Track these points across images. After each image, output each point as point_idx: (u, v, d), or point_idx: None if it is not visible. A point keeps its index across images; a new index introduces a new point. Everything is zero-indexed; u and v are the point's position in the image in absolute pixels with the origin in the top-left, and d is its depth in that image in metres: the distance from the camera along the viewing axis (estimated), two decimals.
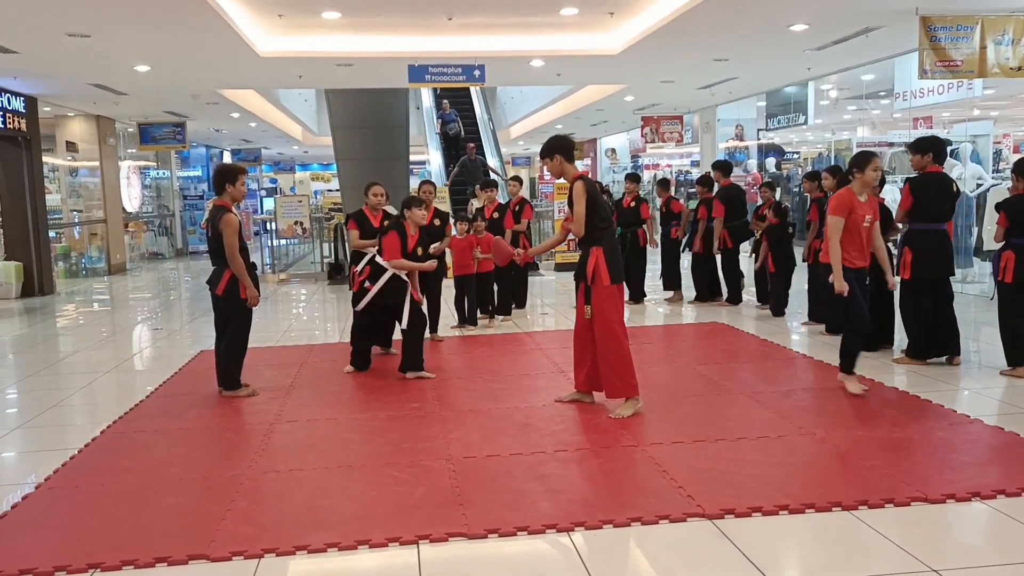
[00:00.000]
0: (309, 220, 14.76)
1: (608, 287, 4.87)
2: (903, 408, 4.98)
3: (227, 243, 5.37)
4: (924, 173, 5.96)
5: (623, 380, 4.89)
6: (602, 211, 4.93)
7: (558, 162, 5.03)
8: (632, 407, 4.89)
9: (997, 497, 3.55)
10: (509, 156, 32.78)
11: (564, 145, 5.07)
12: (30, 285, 12.13)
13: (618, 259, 4.97)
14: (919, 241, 5.91)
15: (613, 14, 9.08)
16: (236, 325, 5.59)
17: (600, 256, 4.87)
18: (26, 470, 4.42)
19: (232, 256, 5.39)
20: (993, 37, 8.06)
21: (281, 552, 3.21)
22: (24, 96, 11.97)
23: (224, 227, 5.37)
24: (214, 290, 5.53)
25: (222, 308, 5.59)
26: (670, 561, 3.10)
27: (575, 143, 5.15)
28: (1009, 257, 5.58)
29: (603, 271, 4.85)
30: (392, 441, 4.59)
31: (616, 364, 4.88)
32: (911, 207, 5.90)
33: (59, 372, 6.86)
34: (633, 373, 4.92)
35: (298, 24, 9.14)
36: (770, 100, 15.02)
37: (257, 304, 5.60)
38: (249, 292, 5.49)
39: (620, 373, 4.89)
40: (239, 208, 5.86)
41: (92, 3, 7.28)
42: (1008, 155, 18.41)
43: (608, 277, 4.86)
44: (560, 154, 5.01)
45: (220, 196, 5.53)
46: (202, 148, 25.11)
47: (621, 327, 4.92)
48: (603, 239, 4.90)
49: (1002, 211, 5.65)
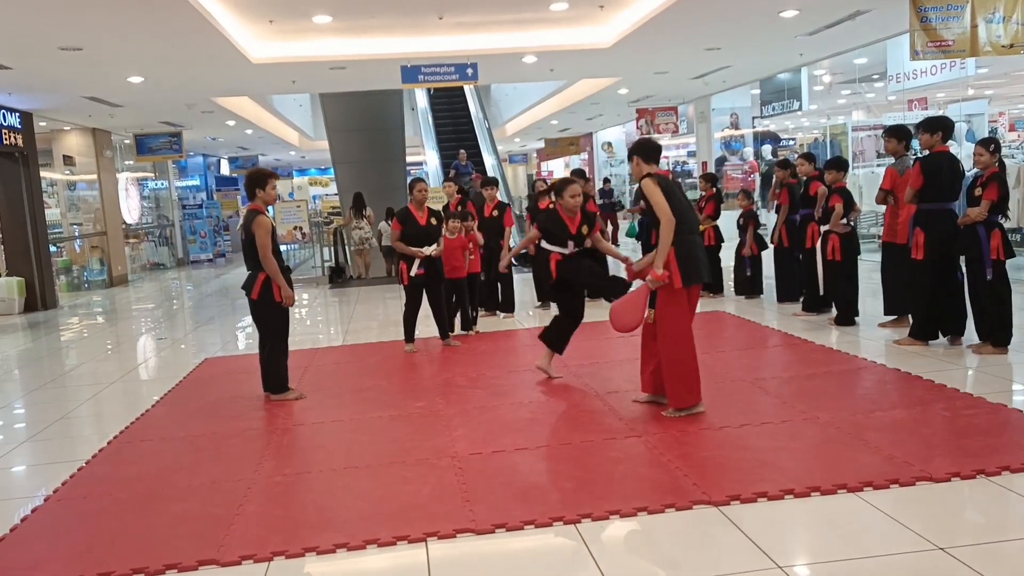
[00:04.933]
0: (308, 225, 14.79)
1: (678, 290, 4.52)
2: (905, 389, 4.98)
3: (259, 244, 5.40)
4: (934, 152, 5.89)
5: (688, 389, 4.62)
6: (677, 206, 4.53)
7: (636, 163, 4.78)
8: (689, 411, 4.65)
9: (1002, 473, 3.55)
10: (506, 153, 32.81)
11: (642, 147, 4.79)
12: (33, 300, 12.17)
13: (694, 260, 4.56)
14: (932, 222, 5.83)
15: (603, 7, 9.08)
16: (275, 328, 5.62)
17: (672, 256, 4.49)
18: (35, 483, 4.44)
19: (265, 257, 5.41)
20: (984, 15, 8.04)
21: (290, 554, 3.23)
22: (19, 112, 12.00)
23: (256, 228, 5.41)
24: (249, 294, 5.55)
25: (259, 312, 5.60)
26: (677, 549, 3.12)
27: (657, 146, 4.88)
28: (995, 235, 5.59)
29: (675, 272, 4.49)
30: (397, 440, 4.61)
31: (682, 374, 4.60)
32: (922, 186, 5.82)
33: (65, 385, 6.89)
34: (698, 381, 4.64)
35: (289, 29, 9.15)
36: (764, 87, 15.01)
37: (293, 304, 5.62)
38: (284, 292, 5.50)
39: (686, 384, 4.61)
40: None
41: (83, 16, 7.29)
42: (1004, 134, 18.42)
43: (680, 279, 4.49)
44: (638, 155, 4.76)
45: (252, 201, 5.60)
46: (199, 157, 25.18)
47: (685, 333, 4.60)
48: (677, 238, 4.49)
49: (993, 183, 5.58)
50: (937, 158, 5.87)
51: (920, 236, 5.87)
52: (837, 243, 6.94)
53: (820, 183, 7.29)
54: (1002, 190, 5.55)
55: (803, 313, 7.66)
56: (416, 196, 7.00)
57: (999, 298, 5.67)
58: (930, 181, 5.79)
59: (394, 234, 7.01)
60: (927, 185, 5.81)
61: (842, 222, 6.93)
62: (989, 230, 5.60)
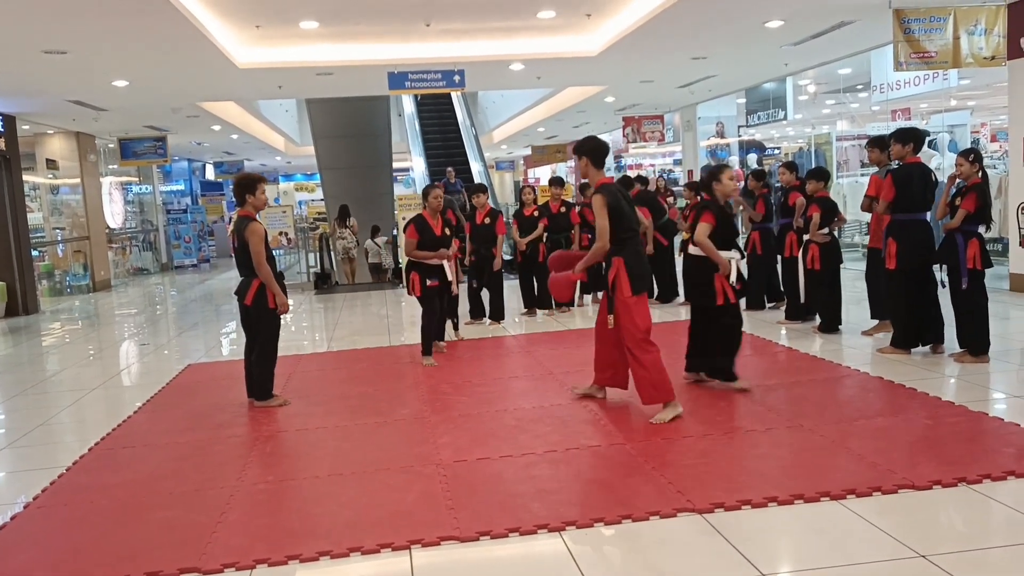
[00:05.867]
0: (294, 230, 14.73)
1: (628, 298, 4.74)
2: (888, 397, 5.02)
3: (254, 251, 5.36)
4: (905, 164, 5.98)
5: (656, 387, 4.76)
6: (626, 221, 4.78)
7: (584, 164, 4.95)
8: (671, 412, 4.75)
9: (983, 481, 3.58)
10: (493, 160, 32.84)
11: (592, 148, 4.94)
12: (14, 305, 12.05)
13: (641, 269, 4.82)
14: (904, 232, 5.91)
15: (590, 16, 9.13)
16: (265, 335, 5.58)
17: (621, 266, 4.74)
18: (15, 490, 4.39)
19: (260, 264, 5.38)
20: (966, 28, 8.16)
21: (273, 562, 3.21)
22: (2, 115, 11.90)
23: (250, 236, 5.36)
24: (242, 300, 5.51)
25: (251, 318, 5.57)
26: (661, 556, 3.12)
27: (607, 147, 5.06)
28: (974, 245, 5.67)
29: (624, 282, 4.72)
30: (382, 448, 4.60)
31: (648, 373, 4.76)
32: (895, 198, 5.90)
33: (46, 391, 6.82)
34: (666, 379, 4.78)
35: (276, 35, 9.14)
36: (749, 97, 15.12)
37: (287, 312, 5.60)
38: (279, 300, 5.47)
39: (653, 380, 4.76)
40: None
41: (67, 19, 7.25)
42: (986, 144, 18.61)
43: (629, 288, 4.73)
44: (587, 156, 4.92)
45: (242, 207, 5.54)
46: (184, 162, 25.06)
47: (645, 336, 4.78)
48: (624, 249, 4.76)
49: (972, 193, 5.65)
50: (908, 169, 5.95)
51: (892, 246, 5.94)
52: (817, 252, 7.00)
53: (799, 194, 7.33)
54: (980, 200, 5.62)
55: (787, 321, 7.71)
56: (431, 203, 6.71)
57: (975, 307, 5.73)
58: (902, 192, 5.88)
59: (410, 243, 6.63)
60: (899, 196, 5.89)
61: (823, 232, 6.99)
62: (967, 239, 5.67)
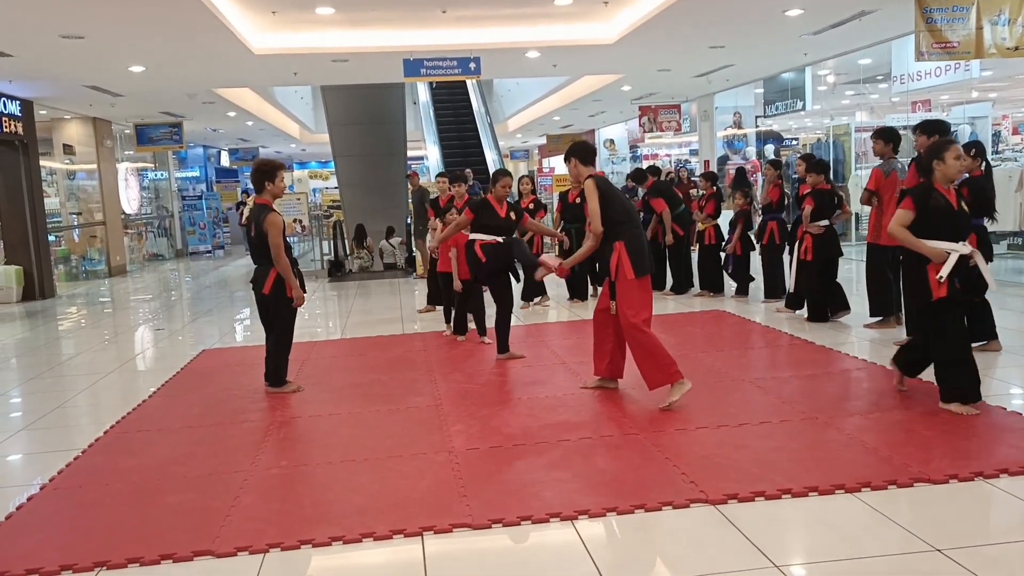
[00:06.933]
0: (308, 218, 14.79)
1: (632, 280, 4.83)
2: (905, 390, 4.97)
3: (273, 244, 5.36)
4: None
5: (661, 369, 4.81)
6: (619, 206, 4.92)
7: (574, 165, 5.18)
8: (679, 391, 4.78)
9: (1000, 476, 3.54)
10: (508, 149, 32.75)
11: (579, 149, 5.18)
12: (31, 289, 12.15)
13: (642, 252, 4.91)
14: None
15: (608, 3, 9.06)
16: (281, 323, 5.59)
17: (622, 249, 4.84)
18: (31, 471, 4.43)
19: (278, 257, 5.37)
20: (989, 17, 8.02)
21: (286, 547, 3.22)
22: (20, 100, 11.97)
23: (269, 227, 5.35)
24: (260, 289, 5.51)
25: (268, 307, 5.58)
26: (674, 547, 3.11)
27: (594, 147, 5.35)
28: None
29: (626, 264, 4.82)
30: (395, 435, 4.60)
31: (649, 356, 4.82)
32: None
33: (62, 374, 6.87)
34: (670, 360, 4.80)
35: (292, 20, 9.12)
36: (767, 87, 14.97)
37: (303, 304, 5.60)
38: (295, 292, 5.47)
39: (656, 363, 4.81)
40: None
41: (84, 4, 7.26)
42: (1007, 136, 18.38)
43: (631, 270, 4.82)
44: (575, 157, 5.16)
45: (260, 194, 5.52)
46: (199, 148, 25.14)
47: (645, 320, 4.85)
48: (624, 233, 4.88)
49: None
50: None
51: None
52: (810, 243, 7.12)
53: (808, 186, 7.37)
54: (973, 195, 5.53)
55: (784, 309, 7.84)
56: (499, 192, 6.68)
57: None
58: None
59: (463, 220, 6.59)
60: None
61: (821, 223, 7.08)
62: None
